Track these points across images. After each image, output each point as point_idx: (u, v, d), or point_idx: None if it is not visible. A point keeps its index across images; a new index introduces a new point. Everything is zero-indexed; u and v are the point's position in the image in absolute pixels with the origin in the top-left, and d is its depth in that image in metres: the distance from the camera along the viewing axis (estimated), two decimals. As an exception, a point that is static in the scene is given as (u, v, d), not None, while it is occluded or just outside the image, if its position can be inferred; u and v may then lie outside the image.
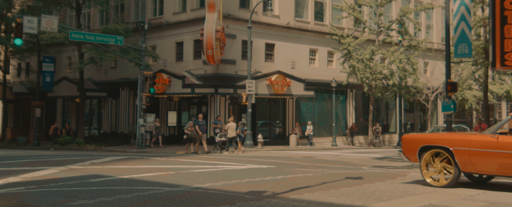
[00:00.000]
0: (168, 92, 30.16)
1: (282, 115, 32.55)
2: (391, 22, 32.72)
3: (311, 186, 10.61)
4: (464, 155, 10.10)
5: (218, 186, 10.79)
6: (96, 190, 10.22)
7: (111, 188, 10.51)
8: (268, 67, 31.00)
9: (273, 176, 12.70)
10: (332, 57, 34.88)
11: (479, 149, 9.96)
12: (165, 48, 32.45)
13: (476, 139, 10.15)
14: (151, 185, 10.95)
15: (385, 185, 11.01)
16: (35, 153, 24.53)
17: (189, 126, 24.24)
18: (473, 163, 10.02)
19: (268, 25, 31.25)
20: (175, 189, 10.35)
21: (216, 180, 11.74)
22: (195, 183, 11.19)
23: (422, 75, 34.60)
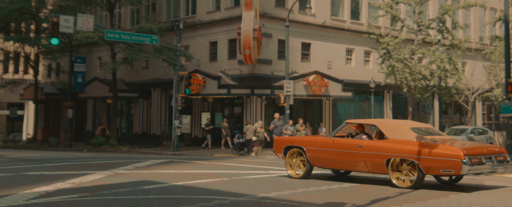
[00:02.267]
0: (202, 93, 29.37)
1: (318, 117, 31.50)
2: (431, 20, 31.42)
3: (390, 197, 9.61)
4: (312, 152, 12.42)
5: (285, 195, 9.87)
6: (155, 199, 9.39)
7: (170, 197, 9.67)
8: (304, 68, 30.01)
9: (338, 184, 11.71)
10: (369, 57, 33.73)
11: (321, 148, 12.24)
12: (198, 48, 31.69)
13: (320, 140, 12.59)
14: (212, 194, 10.08)
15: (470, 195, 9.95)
16: (71, 155, 23.96)
17: (258, 127, 22.38)
18: (319, 159, 12.34)
19: (304, 24, 30.25)
20: (240, 199, 9.46)
21: (279, 188, 10.81)
22: (258, 192, 10.29)
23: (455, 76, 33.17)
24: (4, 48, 39.92)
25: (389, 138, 11.21)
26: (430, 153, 10.36)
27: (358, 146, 11.47)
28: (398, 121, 15.64)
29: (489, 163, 10.37)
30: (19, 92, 42.72)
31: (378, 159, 11.11)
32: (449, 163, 10.08)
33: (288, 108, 26.38)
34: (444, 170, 10.28)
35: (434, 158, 10.30)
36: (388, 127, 11.60)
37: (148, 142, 32.24)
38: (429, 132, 12.00)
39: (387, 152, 10.97)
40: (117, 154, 25.78)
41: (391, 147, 10.98)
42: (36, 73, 39.10)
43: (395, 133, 11.23)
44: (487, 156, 10.48)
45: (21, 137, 46.81)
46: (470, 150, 10.34)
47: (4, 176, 13.41)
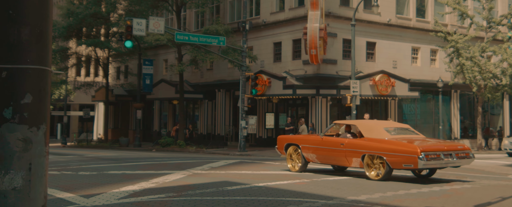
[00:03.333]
0: (268, 93, 29.06)
1: (384, 117, 30.43)
2: (503, 16, 29.63)
3: (493, 202, 8.81)
4: (306, 149, 13.88)
5: (376, 199, 9.28)
6: (243, 201, 9.05)
7: (258, 199, 9.30)
8: (370, 67, 29.06)
9: (427, 187, 10.97)
10: (435, 56, 32.26)
11: (313, 145, 13.71)
12: (262, 49, 31.42)
13: (312, 138, 14.13)
14: (298, 196, 9.64)
15: None
16: (144, 155, 24.28)
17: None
18: (312, 155, 13.75)
19: (369, 22, 29.30)
20: (330, 202, 8.96)
21: (365, 191, 10.23)
22: (346, 195, 9.75)
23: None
24: (77, 52, 41.30)
25: (365, 136, 12.59)
26: (394, 150, 11.67)
27: (341, 144, 12.97)
28: (375, 121, 16.53)
29: (448, 159, 11.48)
30: (90, 94, 44.14)
31: (356, 155, 12.49)
32: (408, 158, 11.32)
33: (354, 108, 25.58)
34: (405, 165, 11.53)
35: (397, 154, 11.57)
36: (365, 127, 13.04)
37: (214, 143, 32.30)
38: (402, 131, 13.19)
39: (362, 149, 12.34)
40: (186, 154, 25.91)
41: (365, 144, 12.32)
42: (107, 76, 40.18)
43: (371, 132, 12.61)
44: (446, 153, 11.54)
45: (92, 136, 48.39)
46: (428, 147, 11.46)
47: (90, 174, 13.57)
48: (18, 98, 2.56)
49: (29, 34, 2.60)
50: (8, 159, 2.47)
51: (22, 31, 2.59)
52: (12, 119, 2.54)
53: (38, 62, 2.64)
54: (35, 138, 2.55)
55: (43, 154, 2.58)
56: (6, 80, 2.55)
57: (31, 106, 2.57)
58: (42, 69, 2.65)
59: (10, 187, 2.36)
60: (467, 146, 12.61)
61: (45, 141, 2.59)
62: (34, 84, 2.60)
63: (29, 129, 2.56)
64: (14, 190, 2.38)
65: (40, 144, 2.57)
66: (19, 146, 2.50)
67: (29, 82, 2.58)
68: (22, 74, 2.57)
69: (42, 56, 2.66)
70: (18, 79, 2.57)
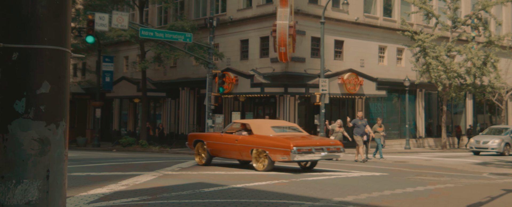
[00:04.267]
0: (234, 92, 28.56)
1: (351, 116, 30.48)
2: (468, 16, 30.25)
3: (483, 202, 8.65)
4: (210, 145, 15.29)
5: (363, 200, 8.97)
6: (225, 204, 8.54)
7: (240, 201, 8.81)
8: (338, 66, 29.04)
9: (411, 187, 10.77)
10: (401, 55, 32.61)
11: (215, 141, 15.15)
12: (228, 46, 30.88)
13: (214, 135, 15.65)
14: (282, 198, 9.22)
15: None
16: (105, 155, 23.29)
17: (337, 126, 19.94)
18: (213, 150, 15.20)
19: (338, 21, 29.28)
20: (317, 203, 8.57)
21: (351, 192, 9.92)
22: (331, 196, 9.40)
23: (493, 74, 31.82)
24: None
25: (255, 133, 14.19)
26: (274, 145, 13.38)
27: (235, 140, 14.51)
28: (265, 121, 17.64)
29: (319, 152, 13.37)
30: (46, 92, 42.30)
31: (246, 150, 14.03)
32: (284, 152, 13.08)
33: (323, 107, 25.44)
34: (282, 157, 13.25)
35: (276, 149, 13.30)
36: (255, 125, 14.63)
37: (178, 142, 31.52)
38: (288, 129, 15.25)
39: (251, 144, 13.94)
40: (150, 154, 25.06)
41: (254, 140, 13.96)
42: (64, 73, 38.48)
43: (260, 130, 14.25)
44: (318, 147, 13.41)
45: (47, 136, 46.40)
46: (301, 143, 13.20)
47: (52, 177, 12.69)
48: (33, 87, 1.97)
49: (47, 6, 2.01)
50: (21, 165, 1.88)
51: (37, 2, 1.99)
52: (25, 114, 1.97)
53: (57, 42, 2.06)
54: (53, 137, 1.97)
55: (63, 158, 2.00)
56: (18, 63, 1.95)
57: (49, 97, 1.99)
58: (62, 50, 2.07)
59: (24, 201, 1.75)
60: (339, 142, 14.49)
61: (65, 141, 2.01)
62: (53, 70, 2.01)
63: (46, 126, 1.97)
64: (29, 204, 1.77)
65: (60, 146, 1.99)
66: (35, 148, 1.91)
67: (46, 67, 2.00)
68: (38, 56, 1.98)
69: (61, 34, 2.08)
70: (33, 62, 1.98)
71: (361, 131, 18.98)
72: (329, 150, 13.54)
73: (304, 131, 15.39)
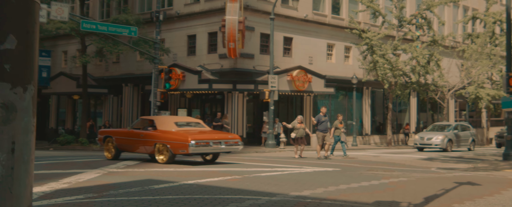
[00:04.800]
0: (181, 88, 27.99)
1: (299, 113, 30.67)
2: (413, 16, 31.18)
3: (439, 195, 8.76)
4: (118, 140, 16.06)
5: (320, 194, 8.86)
6: (177, 200, 8.18)
7: (194, 197, 8.48)
8: (286, 63, 29.12)
9: (366, 181, 10.81)
10: (349, 53, 33.17)
11: (123, 137, 15.99)
12: (175, 42, 30.26)
13: (122, 131, 16.73)
14: (237, 193, 8.96)
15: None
16: (43, 154, 22.10)
17: (297, 122, 19.16)
18: (121, 145, 15.97)
19: (287, 17, 29.36)
20: (274, 198, 8.39)
21: (307, 186, 9.82)
22: (288, 191, 9.25)
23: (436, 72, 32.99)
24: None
25: (159, 129, 15.03)
26: (175, 139, 14.35)
27: (140, 135, 15.31)
28: (169, 117, 19.17)
29: (217, 145, 14.52)
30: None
31: (150, 144, 14.90)
32: (183, 145, 14.04)
33: (272, 104, 25.43)
34: (181, 150, 14.22)
35: (176, 142, 14.27)
36: (159, 121, 15.64)
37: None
38: (191, 125, 16.14)
39: (155, 139, 14.79)
40: (91, 152, 24.07)
41: (157, 135, 14.83)
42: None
43: (163, 125, 15.17)
44: (216, 141, 14.56)
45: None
46: (199, 137, 14.30)
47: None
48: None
49: None
50: (-21, 135, 1.52)
51: None
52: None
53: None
54: (20, 103, 1.62)
55: (31, 128, 1.67)
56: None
57: (16, 55, 1.64)
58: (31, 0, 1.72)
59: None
60: (237, 136, 15.73)
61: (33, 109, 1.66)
62: (20, 22, 1.66)
63: (12, 89, 1.63)
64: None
65: (27, 113, 1.65)
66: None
67: (12, 17, 1.64)
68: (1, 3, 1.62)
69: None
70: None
71: (324, 127, 18.49)
72: (227, 143, 14.72)
73: (207, 127, 16.61)
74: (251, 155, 21.04)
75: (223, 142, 14.67)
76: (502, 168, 15.14)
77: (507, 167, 15.30)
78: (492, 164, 16.71)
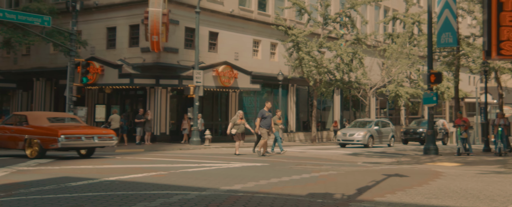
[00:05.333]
0: (100, 83, 26.76)
1: (225, 110, 30.46)
2: (338, 14, 31.96)
3: (370, 186, 8.83)
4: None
5: (252, 187, 8.66)
6: (99, 197, 7.62)
7: (117, 194, 7.95)
8: (212, 58, 28.76)
9: (297, 175, 10.75)
10: (275, 50, 33.39)
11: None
12: (93, 34, 28.91)
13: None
14: (165, 189, 8.54)
15: (454, 181, 9.54)
16: None
17: (238, 118, 18.16)
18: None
19: (213, 12, 28.99)
20: (204, 193, 8.06)
21: (237, 181, 9.57)
22: (218, 185, 8.95)
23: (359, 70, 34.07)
24: None
25: (30, 124, 15.39)
26: (45, 133, 14.70)
27: (12, 130, 15.64)
28: (42, 113, 19.50)
29: (89, 140, 15.01)
30: None
31: (21, 139, 15.20)
32: (53, 140, 14.44)
33: (197, 100, 24.95)
34: (51, 145, 14.56)
35: (46, 137, 14.62)
36: (32, 116, 15.99)
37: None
38: (65, 120, 17.08)
39: (26, 134, 15.13)
40: (-2, 151, 22.31)
41: (28, 130, 15.15)
42: None
43: (36, 121, 15.56)
44: (88, 136, 15.06)
45: None
46: (69, 131, 14.78)
47: None
48: None
49: None
50: None
51: None
52: None
53: None
54: None
55: None
56: None
57: None
58: None
59: None
60: (112, 131, 16.35)
61: None
62: None
63: None
64: None
65: None
66: None
67: None
68: None
69: None
70: None
71: (268, 123, 17.83)
72: (100, 138, 15.29)
73: (83, 122, 17.21)
74: (175, 152, 20.49)
75: (96, 137, 15.16)
76: (424, 161, 15.77)
77: (428, 161, 15.96)
78: (414, 158, 17.39)
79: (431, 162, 15.38)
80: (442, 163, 14.76)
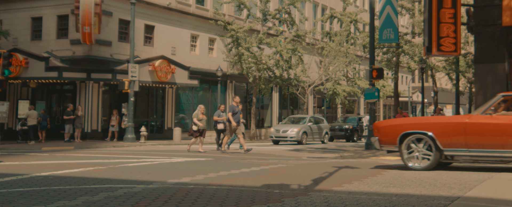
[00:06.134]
0: (24, 76, 25.21)
1: (161, 106, 29.66)
2: (277, 10, 32.03)
3: (324, 177, 8.70)
4: None
5: (201, 180, 8.28)
6: (32, 192, 6.97)
7: (51, 189, 7.32)
8: (148, 52, 27.92)
9: (246, 168, 10.46)
10: (213, 45, 32.97)
11: None
12: (16, 24, 27.27)
13: None
14: (107, 183, 7.99)
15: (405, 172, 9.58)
16: None
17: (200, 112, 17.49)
18: None
19: (149, 4, 28.15)
20: (151, 186, 7.59)
21: (185, 174, 9.16)
22: (165, 178, 8.51)
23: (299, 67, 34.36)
24: None
25: None
26: None
27: None
28: None
29: None
30: None
31: None
32: None
33: (132, 95, 24.12)
34: None
35: None
36: None
37: None
38: None
39: None
40: None
41: None
42: None
43: None
44: None
45: None
46: None
47: None
48: None
49: None
50: None
51: None
52: None
53: None
54: None
55: None
56: None
57: None
58: None
59: None
60: None
61: None
62: None
63: None
64: None
65: None
66: None
67: None
68: None
69: None
70: None
71: (238, 118, 17.21)
72: None
73: None
74: (109, 149, 19.62)
75: None
76: (367, 155, 15.97)
77: (371, 155, 16.18)
78: (357, 153, 17.61)
79: (374, 156, 15.59)
80: (385, 156, 15.01)
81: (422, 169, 9.57)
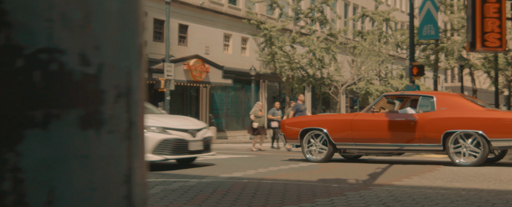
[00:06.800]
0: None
1: (195, 105, 29.71)
2: (310, 9, 31.75)
3: (379, 173, 8.45)
4: None
5: (254, 175, 8.12)
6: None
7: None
8: (181, 52, 27.99)
9: (294, 164, 10.28)
10: (246, 45, 32.90)
11: None
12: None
13: None
14: (160, 177, 7.90)
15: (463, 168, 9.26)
16: None
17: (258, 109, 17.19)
18: None
19: (182, 3, 28.24)
20: (204, 180, 7.47)
21: (234, 169, 9.02)
22: (216, 173, 8.39)
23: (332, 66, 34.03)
24: None
25: None
26: None
27: None
28: None
29: None
30: None
31: None
32: None
33: (168, 94, 24.18)
34: None
35: None
36: None
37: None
38: None
39: None
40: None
41: None
42: None
43: None
44: None
45: None
46: None
47: None
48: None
49: None
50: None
51: None
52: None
53: None
54: None
55: None
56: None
57: None
58: None
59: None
60: None
61: None
62: None
63: None
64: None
65: None
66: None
67: None
68: None
69: None
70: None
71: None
72: None
73: None
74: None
75: None
76: (410, 153, 15.57)
77: (415, 153, 15.77)
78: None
79: (418, 154, 15.22)
80: (429, 155, 14.62)
81: (318, 161, 10.51)
